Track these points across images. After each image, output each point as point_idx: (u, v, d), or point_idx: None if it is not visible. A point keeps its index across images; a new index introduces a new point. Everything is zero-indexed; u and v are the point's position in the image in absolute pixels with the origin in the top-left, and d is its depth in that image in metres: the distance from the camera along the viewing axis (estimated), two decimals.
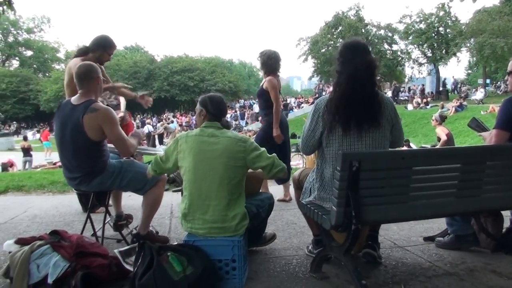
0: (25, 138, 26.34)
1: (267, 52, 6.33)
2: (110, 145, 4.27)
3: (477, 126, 4.44)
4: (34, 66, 71.66)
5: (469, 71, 73.06)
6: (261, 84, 6.51)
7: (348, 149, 3.32)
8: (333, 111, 3.30)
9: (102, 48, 5.35)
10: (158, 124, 38.17)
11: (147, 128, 34.39)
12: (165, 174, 4.30)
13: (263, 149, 3.63)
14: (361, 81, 3.26)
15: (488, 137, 4.00)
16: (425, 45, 44.67)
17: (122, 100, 6.85)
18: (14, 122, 52.15)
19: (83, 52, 5.47)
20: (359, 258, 3.90)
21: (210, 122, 3.64)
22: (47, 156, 25.79)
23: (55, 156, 24.04)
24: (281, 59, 6.38)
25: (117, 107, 6.67)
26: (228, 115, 37.67)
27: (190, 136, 3.58)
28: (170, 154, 3.65)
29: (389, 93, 38.03)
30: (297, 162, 16.45)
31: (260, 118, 6.54)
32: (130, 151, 4.18)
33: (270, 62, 6.28)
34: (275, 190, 7.14)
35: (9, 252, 3.62)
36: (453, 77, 51.06)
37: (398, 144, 3.61)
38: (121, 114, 6.52)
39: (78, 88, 4.11)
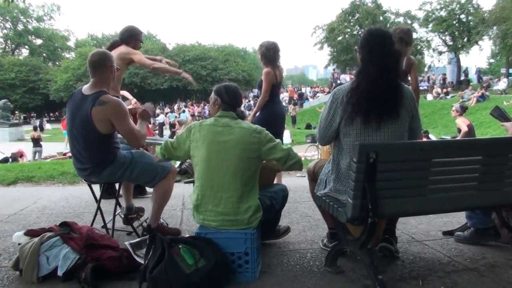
0: (35, 128, 26.47)
1: (266, 43, 6.44)
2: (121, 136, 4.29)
3: (500, 115, 4.39)
4: (44, 55, 71.86)
5: (492, 60, 72.30)
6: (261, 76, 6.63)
7: (365, 140, 3.30)
8: (354, 101, 3.27)
9: (135, 38, 5.81)
10: (170, 114, 38.22)
11: (161, 118, 34.56)
12: (175, 166, 4.30)
13: (278, 140, 3.63)
14: (390, 72, 3.24)
15: (511, 128, 3.95)
16: (446, 33, 44.22)
17: (125, 92, 6.93)
18: (17, 112, 52.12)
19: (113, 45, 5.77)
20: (376, 252, 3.89)
21: (225, 112, 3.64)
22: (66, 146, 25.75)
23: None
24: (279, 49, 6.51)
25: (123, 99, 6.72)
26: (242, 105, 37.72)
27: (204, 125, 3.58)
28: (182, 142, 3.66)
29: None
30: (312, 153, 16.43)
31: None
32: (140, 143, 4.18)
33: (269, 54, 6.38)
34: (289, 181, 7.13)
35: (19, 244, 3.66)
36: (475, 65, 50.53)
37: (416, 135, 3.58)
38: (134, 101, 6.55)
39: (90, 76, 4.11)
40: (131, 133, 4.05)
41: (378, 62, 3.23)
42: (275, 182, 4.43)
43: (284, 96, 45.41)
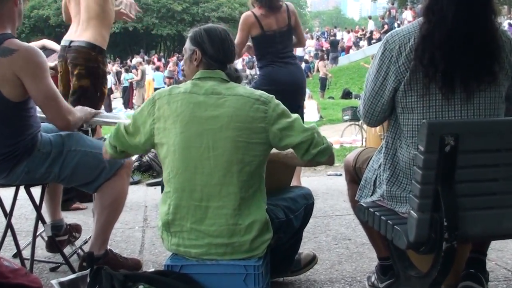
0: None
1: None
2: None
3: None
4: None
5: None
6: None
7: (439, 117, 3.29)
8: (427, 59, 3.24)
9: None
10: (124, 75, 38.04)
11: (109, 80, 34.27)
12: (132, 157, 4.27)
13: (295, 115, 3.57)
14: (478, 9, 3.20)
15: None
16: None
17: (47, 41, 6.94)
18: None
19: None
20: None
21: (209, 71, 3.59)
22: None
23: None
24: None
25: (47, 52, 6.71)
26: (238, 61, 37.49)
27: (175, 94, 3.52)
28: (141, 123, 3.59)
29: None
30: (353, 138, 16.34)
31: None
32: (68, 120, 4.10)
33: None
34: (316, 182, 7.14)
35: None
36: None
37: None
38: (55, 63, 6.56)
39: None
40: (52, 100, 3.98)
41: None
42: (292, 183, 4.43)
43: (308, 46, 45.36)
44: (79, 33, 6.29)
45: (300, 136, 3.49)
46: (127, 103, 31.37)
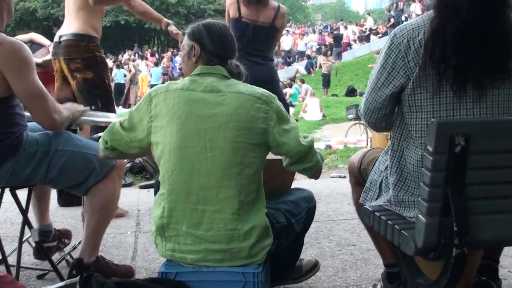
0: None
1: None
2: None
3: None
4: None
5: None
6: None
7: (450, 116, 3.27)
8: (438, 54, 3.23)
9: None
10: (116, 72, 37.90)
11: None
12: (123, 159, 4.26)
13: (294, 123, 3.56)
14: (493, 3, 3.17)
15: None
16: None
17: (35, 35, 6.93)
18: None
19: None
20: None
21: (209, 66, 3.55)
22: None
23: None
24: None
25: (32, 47, 6.71)
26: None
27: (172, 90, 3.48)
28: (138, 120, 3.54)
29: None
30: (358, 138, 16.30)
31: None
32: (54, 120, 4.07)
33: None
34: (319, 184, 7.13)
35: None
36: None
37: None
38: (48, 57, 6.55)
39: None
40: (37, 97, 3.97)
41: None
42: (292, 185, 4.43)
43: (310, 41, 45.36)
44: (67, 26, 6.30)
45: (294, 149, 3.46)
46: (124, 103, 31.13)
